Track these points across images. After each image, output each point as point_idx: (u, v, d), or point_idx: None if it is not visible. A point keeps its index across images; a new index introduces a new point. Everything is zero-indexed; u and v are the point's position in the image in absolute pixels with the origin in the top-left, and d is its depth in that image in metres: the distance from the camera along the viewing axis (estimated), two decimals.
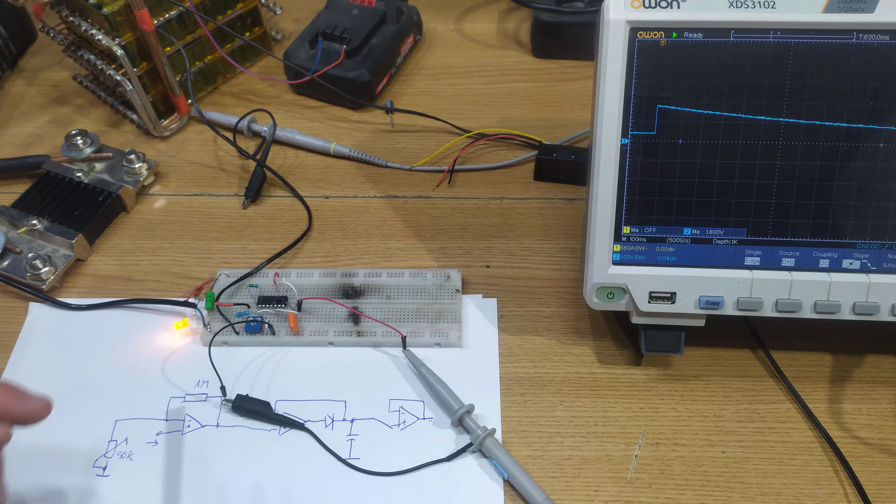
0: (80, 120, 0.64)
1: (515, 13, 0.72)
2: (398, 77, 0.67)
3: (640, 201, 0.41)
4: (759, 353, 0.47)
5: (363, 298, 0.49)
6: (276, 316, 0.49)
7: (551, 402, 0.45)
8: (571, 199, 0.56)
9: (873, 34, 0.38)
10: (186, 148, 0.61)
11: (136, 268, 0.53)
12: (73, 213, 0.53)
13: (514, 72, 0.66)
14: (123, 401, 0.46)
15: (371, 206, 0.57)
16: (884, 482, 0.42)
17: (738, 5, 0.38)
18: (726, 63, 0.39)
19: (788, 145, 0.40)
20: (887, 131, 0.39)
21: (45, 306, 0.51)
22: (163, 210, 0.57)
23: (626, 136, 0.40)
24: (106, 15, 0.55)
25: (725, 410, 0.45)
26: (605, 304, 0.43)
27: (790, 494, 0.41)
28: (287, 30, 0.71)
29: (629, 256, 0.42)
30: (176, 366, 0.47)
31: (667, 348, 0.44)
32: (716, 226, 0.41)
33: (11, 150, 0.61)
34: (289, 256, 0.53)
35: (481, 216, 0.55)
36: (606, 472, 0.42)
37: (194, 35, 0.61)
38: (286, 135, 0.60)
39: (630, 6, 0.39)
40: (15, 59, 0.70)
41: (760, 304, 0.41)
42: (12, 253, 0.52)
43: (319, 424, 0.44)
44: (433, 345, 0.47)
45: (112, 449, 0.44)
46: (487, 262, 0.52)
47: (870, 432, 0.44)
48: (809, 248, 0.41)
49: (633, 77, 0.40)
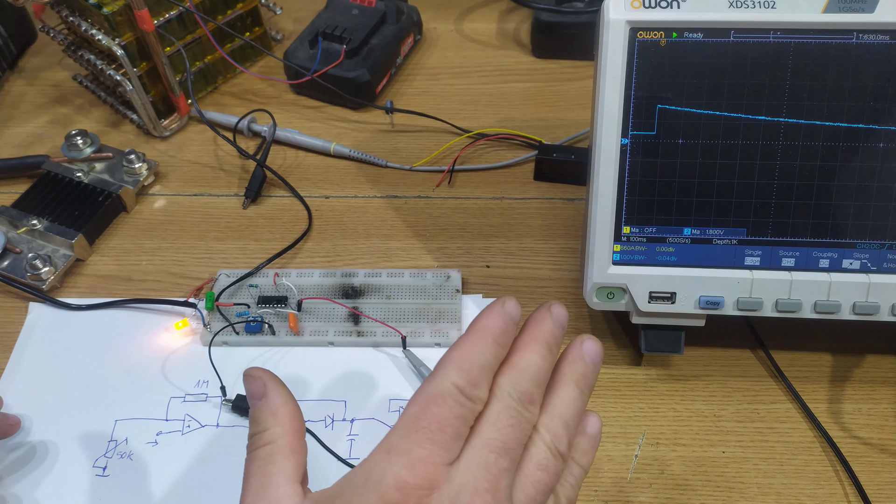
0: (80, 120, 0.64)
1: (515, 13, 0.72)
2: (398, 77, 0.67)
3: (640, 201, 0.41)
4: (759, 353, 0.47)
5: (363, 298, 0.49)
6: (276, 316, 0.49)
7: None
8: (571, 199, 0.56)
9: (873, 34, 0.38)
10: (186, 148, 0.61)
11: (136, 268, 0.53)
12: (73, 213, 0.53)
13: (514, 72, 0.67)
14: (123, 401, 0.46)
15: (371, 206, 0.57)
16: (884, 482, 0.42)
17: (738, 5, 0.38)
18: (726, 63, 0.39)
19: (788, 145, 0.40)
20: (887, 131, 0.39)
21: (45, 306, 0.51)
22: (163, 210, 0.57)
23: (626, 136, 0.40)
24: (106, 15, 0.55)
25: (725, 410, 0.45)
26: (605, 304, 0.43)
27: (790, 494, 0.41)
28: (287, 30, 0.71)
29: (629, 256, 0.42)
30: (176, 366, 0.47)
31: (667, 348, 0.44)
32: (716, 226, 0.41)
33: (11, 150, 0.61)
34: (289, 256, 0.53)
35: (481, 216, 0.55)
36: (606, 472, 0.42)
37: (194, 35, 0.61)
38: (286, 135, 0.60)
39: (630, 6, 0.39)
40: (15, 59, 0.70)
41: (760, 304, 0.41)
42: (12, 253, 0.52)
43: (319, 424, 0.44)
44: (433, 345, 0.47)
45: (112, 449, 0.44)
46: (487, 262, 0.52)
47: (870, 432, 0.44)
48: (809, 248, 0.41)
49: (633, 77, 0.40)
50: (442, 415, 0.27)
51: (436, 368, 0.29)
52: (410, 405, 0.28)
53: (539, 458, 0.29)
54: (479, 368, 0.28)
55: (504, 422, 0.28)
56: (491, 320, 0.29)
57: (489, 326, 0.29)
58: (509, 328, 0.29)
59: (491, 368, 0.29)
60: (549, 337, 0.30)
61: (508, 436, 0.28)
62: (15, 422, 0.44)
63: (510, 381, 0.29)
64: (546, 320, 0.30)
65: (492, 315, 0.29)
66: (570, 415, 0.30)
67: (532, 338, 0.30)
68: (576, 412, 0.30)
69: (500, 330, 0.29)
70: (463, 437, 0.28)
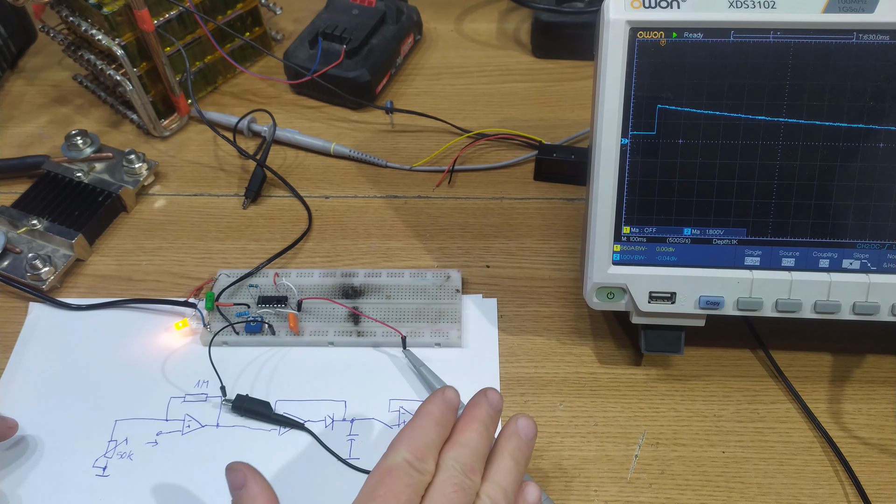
0: (80, 120, 0.64)
1: (515, 13, 0.72)
2: (398, 77, 0.67)
3: (639, 201, 0.41)
4: (759, 353, 0.47)
5: (363, 298, 0.49)
6: (276, 316, 0.49)
7: (551, 402, 0.45)
8: (571, 199, 0.56)
9: (873, 34, 0.38)
10: (186, 148, 0.61)
11: (136, 268, 0.53)
12: (73, 213, 0.53)
13: (514, 72, 0.67)
14: (123, 401, 0.46)
15: (371, 206, 0.57)
16: (884, 482, 0.42)
17: (738, 5, 0.38)
18: (726, 63, 0.39)
19: (788, 145, 0.40)
20: (887, 131, 0.39)
21: (45, 306, 0.51)
22: (163, 210, 0.57)
23: (626, 136, 0.40)
24: (106, 15, 0.55)
25: (725, 410, 0.45)
26: (605, 304, 0.43)
27: (790, 494, 0.41)
28: (287, 30, 0.71)
29: (629, 256, 0.42)
30: (176, 366, 0.47)
31: (667, 348, 0.44)
32: (716, 226, 0.41)
33: (11, 150, 0.61)
34: (289, 256, 0.53)
35: (481, 216, 0.55)
36: (606, 472, 0.42)
37: (194, 35, 0.61)
38: (286, 135, 0.60)
39: (630, 6, 0.39)
40: (15, 59, 0.70)
41: (760, 304, 0.41)
42: (12, 253, 0.52)
43: (319, 424, 0.44)
44: (433, 345, 0.47)
45: (112, 449, 0.44)
46: (487, 262, 0.52)
47: (870, 432, 0.44)
48: (809, 248, 0.41)
49: (633, 77, 0.40)
50: (395, 485, 0.32)
51: (389, 447, 0.34)
52: (368, 479, 0.33)
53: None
54: (424, 445, 0.33)
55: (449, 489, 0.33)
56: (433, 406, 0.35)
57: (432, 412, 0.35)
58: (449, 412, 0.35)
59: (436, 446, 0.34)
60: (485, 417, 0.36)
61: (454, 500, 0.32)
62: (13, 424, 0.44)
63: (453, 455, 0.34)
64: (482, 404, 0.36)
65: (433, 402, 0.35)
66: (507, 482, 0.34)
67: (470, 419, 0.35)
68: (514, 480, 0.35)
69: (440, 414, 0.35)
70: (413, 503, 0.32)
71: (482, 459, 0.35)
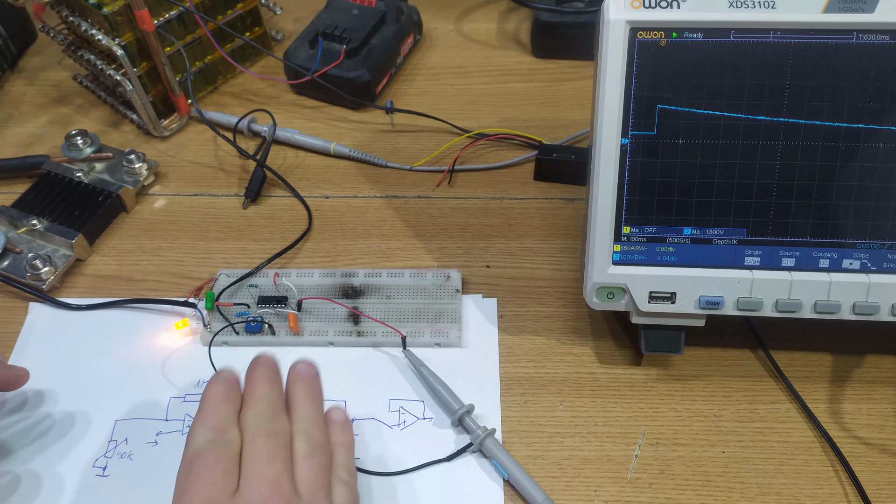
0: (80, 120, 0.64)
1: (515, 13, 0.72)
2: (398, 77, 0.67)
3: (639, 201, 0.41)
4: (759, 353, 0.47)
5: (363, 298, 0.49)
6: (276, 316, 0.49)
7: (551, 402, 0.45)
8: (571, 199, 0.56)
9: (873, 34, 0.38)
10: (186, 148, 0.61)
11: (135, 268, 0.53)
12: (73, 213, 0.53)
13: (514, 72, 0.67)
14: (123, 401, 0.46)
15: (371, 206, 0.57)
16: (884, 482, 0.42)
17: (738, 5, 0.38)
18: (726, 63, 0.39)
19: (788, 145, 0.40)
20: (887, 131, 0.39)
21: (45, 306, 0.51)
22: (163, 210, 0.57)
23: (626, 136, 0.40)
24: (106, 15, 0.55)
25: (725, 410, 0.45)
26: (605, 304, 0.43)
27: (790, 494, 0.41)
28: (287, 30, 0.71)
29: (629, 256, 0.42)
30: (176, 366, 0.47)
31: (667, 348, 0.44)
32: (716, 226, 0.41)
33: (11, 150, 0.61)
34: (289, 256, 0.53)
35: (481, 216, 0.55)
36: (606, 472, 0.42)
37: (194, 35, 0.61)
38: (286, 135, 0.60)
39: (630, 6, 0.39)
40: (15, 59, 0.70)
41: (760, 304, 0.41)
42: (12, 253, 0.52)
43: None
44: (433, 345, 0.47)
45: (112, 449, 0.44)
46: (487, 262, 0.52)
47: (870, 432, 0.44)
48: (809, 248, 0.41)
49: (633, 77, 0.40)
50: (206, 462, 0.32)
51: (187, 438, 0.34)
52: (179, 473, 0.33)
53: (303, 450, 0.34)
54: (221, 420, 0.34)
55: (260, 440, 0.33)
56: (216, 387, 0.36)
57: (217, 391, 0.36)
58: (232, 388, 0.36)
59: (232, 416, 0.35)
60: (265, 373, 0.37)
61: (269, 446, 0.33)
62: (22, 372, 0.43)
63: (251, 413, 0.35)
64: (258, 367, 0.37)
65: (213, 384, 0.36)
66: (311, 414, 0.36)
67: (252, 380, 0.37)
68: (316, 411, 0.37)
69: (225, 391, 0.36)
70: (232, 472, 0.32)
71: (280, 406, 0.36)
